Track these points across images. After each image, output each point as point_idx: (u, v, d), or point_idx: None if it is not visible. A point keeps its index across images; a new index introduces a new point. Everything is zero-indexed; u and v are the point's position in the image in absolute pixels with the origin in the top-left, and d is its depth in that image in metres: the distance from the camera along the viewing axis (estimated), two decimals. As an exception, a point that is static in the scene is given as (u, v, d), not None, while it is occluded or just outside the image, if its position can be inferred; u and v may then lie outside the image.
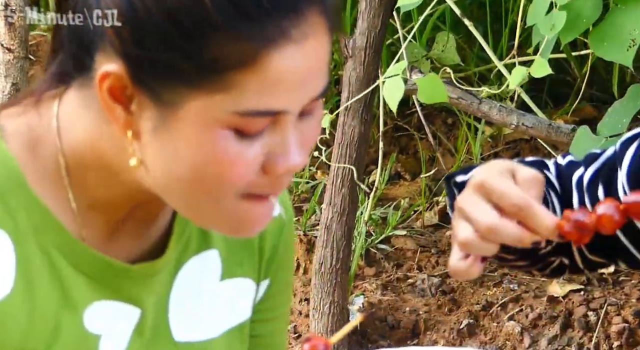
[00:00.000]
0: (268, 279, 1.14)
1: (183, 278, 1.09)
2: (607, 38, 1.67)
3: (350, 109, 2.22)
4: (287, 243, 1.16)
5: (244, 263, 1.12)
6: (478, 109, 2.12)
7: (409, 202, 2.76)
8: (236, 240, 1.11)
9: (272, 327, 1.15)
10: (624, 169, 1.16)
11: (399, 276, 2.55)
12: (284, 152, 0.96)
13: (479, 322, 2.39)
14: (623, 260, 1.19)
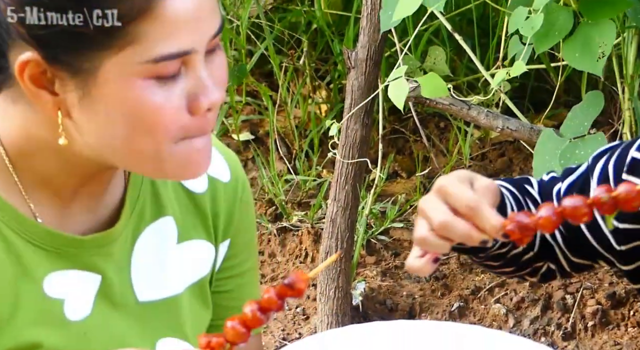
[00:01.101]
0: (228, 240, 1.14)
1: (142, 244, 1.08)
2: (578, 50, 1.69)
3: (352, 114, 2.24)
4: (243, 206, 1.15)
5: (198, 226, 1.12)
6: (467, 114, 2.13)
7: (405, 197, 2.78)
8: (189, 206, 1.11)
9: (240, 282, 1.16)
10: (595, 179, 1.17)
11: (396, 264, 2.55)
12: (203, 90, 0.96)
13: (468, 304, 2.39)
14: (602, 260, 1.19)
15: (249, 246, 1.18)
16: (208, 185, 1.14)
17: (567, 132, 1.81)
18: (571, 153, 1.76)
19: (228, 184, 1.14)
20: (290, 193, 2.83)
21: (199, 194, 1.13)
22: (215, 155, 1.15)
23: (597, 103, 1.81)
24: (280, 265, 2.61)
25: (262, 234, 2.68)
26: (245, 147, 3.00)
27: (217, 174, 1.15)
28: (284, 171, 2.90)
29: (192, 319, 1.13)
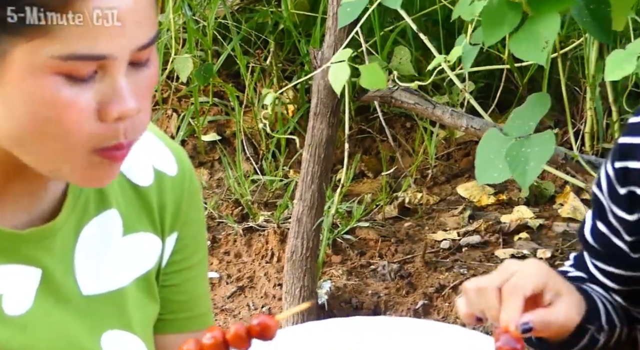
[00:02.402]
0: (175, 233, 1.12)
1: (85, 237, 1.07)
2: (525, 41, 1.72)
3: (318, 114, 2.25)
4: (191, 198, 1.13)
5: (143, 220, 1.10)
6: (432, 113, 2.15)
7: (371, 197, 2.80)
8: (134, 199, 1.10)
9: (189, 275, 1.14)
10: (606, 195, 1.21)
11: (362, 263, 2.57)
12: (117, 98, 0.94)
13: (432, 302, 2.42)
14: None
15: (197, 239, 1.16)
16: (154, 179, 1.13)
17: (512, 131, 1.83)
18: (517, 151, 1.78)
19: (175, 177, 1.13)
20: (256, 193, 2.84)
21: (145, 188, 1.12)
22: (161, 149, 1.14)
23: (542, 104, 1.84)
24: (246, 265, 2.62)
25: (228, 234, 2.68)
26: (211, 148, 3.01)
27: (163, 167, 1.14)
28: (250, 172, 2.91)
29: (138, 313, 1.12)
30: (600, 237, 1.23)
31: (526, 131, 1.84)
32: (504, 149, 1.83)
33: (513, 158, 1.81)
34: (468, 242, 2.60)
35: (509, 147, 1.82)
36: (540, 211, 2.71)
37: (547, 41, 1.73)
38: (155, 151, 1.13)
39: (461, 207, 2.76)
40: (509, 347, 1.04)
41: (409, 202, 2.80)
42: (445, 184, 2.88)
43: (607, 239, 1.22)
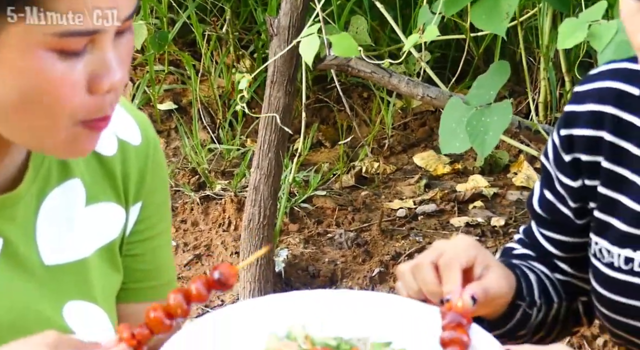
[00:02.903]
0: (140, 202, 1.13)
1: (48, 207, 1.07)
2: (485, 12, 1.74)
3: (275, 82, 2.25)
4: (155, 167, 1.13)
5: (107, 189, 1.11)
6: (389, 82, 2.16)
7: (328, 166, 2.81)
8: (97, 168, 1.10)
9: (153, 245, 1.15)
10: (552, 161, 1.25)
11: (319, 231, 2.59)
12: (106, 70, 0.95)
13: (388, 270, 2.44)
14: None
15: (161, 209, 1.17)
16: (118, 148, 1.12)
17: (473, 100, 1.86)
18: (477, 120, 1.81)
19: (139, 147, 1.13)
20: (213, 162, 2.84)
21: (108, 157, 1.12)
22: (125, 118, 1.14)
23: (502, 72, 1.86)
24: (203, 233, 2.63)
25: (185, 203, 2.68)
26: (168, 117, 2.99)
27: (127, 136, 1.13)
28: (207, 141, 2.90)
29: (101, 283, 1.12)
30: (547, 205, 1.26)
31: (487, 100, 1.87)
32: (465, 118, 1.85)
33: (473, 128, 1.83)
34: (424, 211, 2.63)
35: (469, 116, 1.85)
36: (494, 180, 2.75)
37: (508, 12, 1.75)
38: (119, 120, 1.13)
39: (417, 176, 2.79)
40: (456, 322, 1.06)
41: (366, 172, 2.81)
42: (402, 153, 2.91)
43: (554, 207, 1.26)
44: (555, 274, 1.28)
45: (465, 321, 1.09)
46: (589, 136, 1.21)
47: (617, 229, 1.20)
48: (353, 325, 1.12)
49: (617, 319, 1.20)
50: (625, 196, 1.19)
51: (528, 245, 1.29)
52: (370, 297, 1.15)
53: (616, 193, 1.20)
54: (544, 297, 1.24)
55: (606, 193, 1.21)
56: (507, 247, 1.31)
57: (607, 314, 1.21)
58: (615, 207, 1.20)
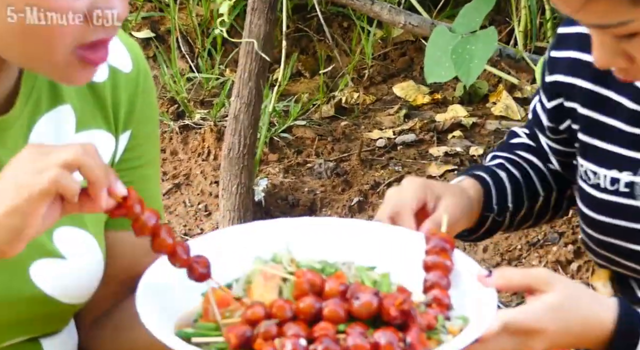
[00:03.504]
0: (129, 130, 1.14)
1: (39, 131, 1.08)
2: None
3: (256, 9, 2.21)
4: (145, 96, 1.14)
5: (97, 116, 1.11)
6: (370, 9, 2.14)
7: (308, 97, 2.80)
8: (88, 95, 1.11)
9: (142, 173, 1.16)
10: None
11: (299, 161, 2.58)
12: (108, 2, 0.96)
13: (367, 199, 2.45)
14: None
15: (150, 137, 1.17)
16: (109, 75, 1.12)
17: (459, 28, 1.85)
18: (463, 48, 1.80)
19: (130, 75, 1.13)
20: (192, 92, 2.81)
21: (99, 83, 1.12)
22: (117, 45, 1.14)
23: (488, 1, 1.85)
24: (183, 163, 2.62)
25: (164, 132, 2.66)
26: (146, 45, 2.95)
27: (118, 63, 1.13)
28: (186, 70, 2.87)
29: None
30: (535, 113, 1.32)
31: (473, 27, 1.86)
32: (450, 46, 1.84)
33: (458, 55, 1.83)
34: (403, 141, 2.63)
35: (455, 44, 1.84)
36: (474, 110, 2.74)
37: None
38: (112, 47, 1.12)
39: (397, 107, 2.78)
40: (440, 247, 1.07)
41: (346, 102, 2.80)
42: (382, 83, 2.89)
43: (539, 117, 1.31)
44: (549, 164, 1.32)
45: (449, 246, 1.09)
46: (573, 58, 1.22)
47: (602, 150, 1.21)
48: (338, 251, 1.12)
49: (602, 239, 1.22)
50: (609, 117, 1.20)
51: (530, 136, 1.34)
52: (354, 224, 1.16)
53: (599, 114, 1.21)
54: (528, 192, 1.29)
55: (588, 114, 1.22)
56: (513, 131, 1.37)
57: (593, 235, 1.23)
58: (599, 128, 1.21)
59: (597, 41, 1.06)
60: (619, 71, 1.08)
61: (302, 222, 1.15)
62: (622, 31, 1.03)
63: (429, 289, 1.06)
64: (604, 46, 1.05)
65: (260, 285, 1.07)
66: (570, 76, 1.23)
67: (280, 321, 1.00)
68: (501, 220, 1.28)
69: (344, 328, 1.00)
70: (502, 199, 1.27)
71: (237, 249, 1.12)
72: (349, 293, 1.02)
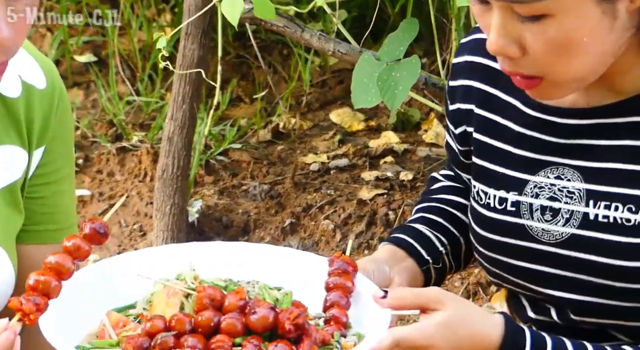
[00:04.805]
0: (43, 147, 1.13)
1: None
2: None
3: (190, 34, 2.22)
4: (60, 113, 1.14)
5: (10, 132, 1.11)
6: (301, 37, 2.15)
7: (247, 122, 2.80)
8: (1, 110, 1.10)
9: (55, 189, 1.16)
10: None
11: (234, 183, 2.58)
12: None
13: (300, 221, 2.45)
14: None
15: (65, 154, 1.17)
16: (22, 91, 1.12)
17: (384, 56, 1.87)
18: (388, 75, 1.82)
19: (44, 91, 1.13)
20: (132, 115, 2.80)
21: (12, 99, 1.11)
22: (29, 62, 1.13)
23: (411, 29, 1.88)
24: (119, 184, 2.60)
25: (101, 154, 2.65)
26: (87, 69, 2.94)
27: (32, 80, 1.13)
28: (126, 94, 2.86)
29: (2, 222, 1.11)
30: (448, 145, 1.36)
31: (397, 56, 1.88)
32: (376, 73, 1.86)
33: (384, 82, 1.84)
34: (336, 165, 2.64)
35: (380, 71, 1.86)
36: (406, 137, 2.77)
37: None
38: (24, 64, 1.12)
39: (332, 132, 2.79)
40: (342, 269, 1.08)
41: (283, 127, 2.81)
42: (319, 110, 2.90)
43: (451, 147, 1.35)
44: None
45: (351, 269, 1.11)
46: (465, 85, 1.25)
47: (491, 171, 1.23)
48: (244, 272, 1.13)
49: (494, 257, 1.24)
50: (496, 140, 1.23)
51: (450, 177, 1.37)
52: (263, 248, 1.17)
53: (489, 138, 1.23)
54: (459, 232, 1.32)
55: (480, 138, 1.25)
56: (433, 177, 1.40)
57: (485, 253, 1.25)
58: (489, 151, 1.23)
59: (499, 23, 1.05)
60: (506, 62, 1.10)
61: (212, 247, 1.16)
62: (532, 9, 1.03)
63: (329, 308, 1.07)
64: (503, 29, 1.06)
65: (162, 302, 1.07)
66: (464, 102, 1.26)
67: (179, 334, 1.00)
68: (441, 265, 1.29)
69: (240, 341, 1.00)
70: (431, 247, 1.28)
71: (144, 271, 1.11)
72: (248, 308, 1.02)
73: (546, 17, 1.04)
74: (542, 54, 1.06)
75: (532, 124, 1.20)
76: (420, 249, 1.27)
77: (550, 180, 1.18)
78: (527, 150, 1.21)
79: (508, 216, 1.21)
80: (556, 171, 1.18)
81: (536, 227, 1.19)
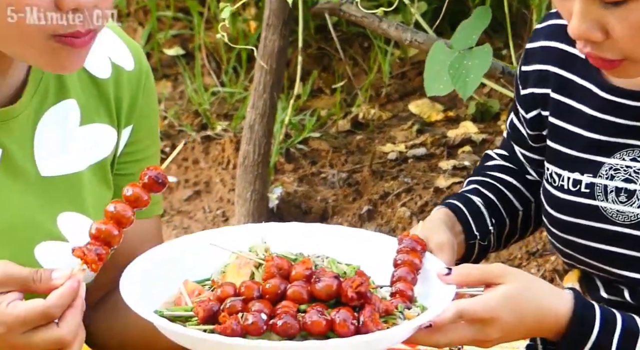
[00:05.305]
0: (131, 126, 1.17)
1: (45, 123, 1.11)
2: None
3: (270, 25, 2.26)
4: (147, 93, 1.18)
5: (100, 111, 1.15)
6: (379, 27, 2.16)
7: (327, 112, 2.83)
8: (92, 90, 1.14)
9: (142, 167, 1.16)
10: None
11: (313, 171, 2.61)
12: None
13: (376, 208, 2.47)
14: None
15: (151, 133, 1.21)
16: (112, 72, 1.17)
17: (457, 44, 1.86)
18: (459, 63, 1.82)
19: (132, 72, 1.17)
20: (218, 106, 2.87)
21: (103, 80, 1.16)
22: (119, 44, 1.18)
23: (484, 17, 1.87)
24: (203, 171, 2.66)
25: (187, 143, 2.72)
26: (176, 62, 3.02)
27: (121, 62, 1.17)
28: (212, 85, 2.92)
29: (93, 197, 1.16)
30: (514, 128, 1.35)
31: (469, 44, 1.87)
32: (448, 61, 1.85)
33: (455, 70, 1.84)
34: (414, 154, 2.65)
35: (452, 59, 1.85)
36: (485, 127, 2.75)
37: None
38: (114, 46, 1.16)
39: (410, 122, 2.80)
40: (410, 247, 1.10)
41: (363, 117, 2.83)
42: (399, 101, 2.91)
43: (518, 130, 1.35)
44: (527, 176, 1.35)
45: (420, 247, 1.13)
46: (540, 70, 1.25)
47: (565, 154, 1.23)
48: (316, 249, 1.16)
49: (566, 238, 1.24)
50: (571, 124, 1.23)
51: (505, 157, 1.38)
52: (335, 228, 1.20)
53: (563, 122, 1.23)
54: (506, 210, 1.32)
55: (555, 122, 1.25)
56: (487, 155, 1.41)
57: (558, 234, 1.25)
58: (563, 134, 1.23)
59: (581, 8, 1.06)
60: (589, 46, 1.09)
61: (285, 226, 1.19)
62: None
63: (395, 283, 1.09)
64: (585, 14, 1.06)
65: (234, 272, 1.11)
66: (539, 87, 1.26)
67: (247, 299, 1.03)
68: (486, 243, 1.30)
69: (305, 308, 1.03)
70: (482, 224, 1.30)
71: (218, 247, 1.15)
72: (314, 277, 1.05)
73: (629, 1, 1.04)
74: (625, 38, 1.06)
75: (607, 108, 1.20)
76: (472, 224, 1.28)
77: (625, 162, 1.18)
78: (602, 134, 1.21)
79: (582, 198, 1.21)
80: (632, 153, 1.18)
81: (610, 208, 1.19)
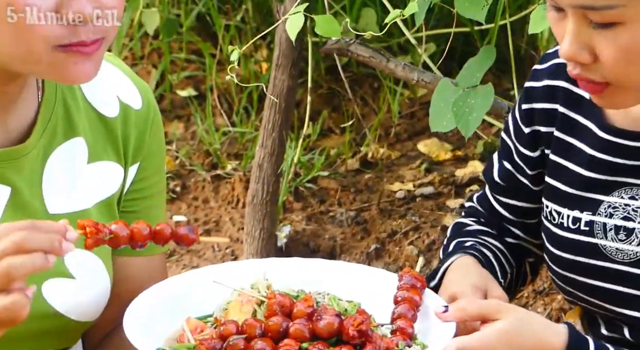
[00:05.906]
0: (137, 163, 1.18)
1: (53, 161, 1.12)
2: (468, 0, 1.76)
3: (280, 65, 2.27)
4: (154, 132, 1.19)
5: (108, 149, 1.16)
6: (386, 66, 2.17)
7: (336, 151, 2.83)
8: (100, 128, 1.15)
9: (148, 204, 1.20)
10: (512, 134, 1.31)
11: (321, 210, 2.61)
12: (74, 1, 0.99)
13: (384, 246, 2.46)
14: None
15: (158, 171, 1.22)
16: (120, 111, 1.18)
17: (461, 82, 1.87)
18: (463, 101, 1.82)
19: (139, 111, 1.18)
20: (229, 145, 2.88)
21: (111, 118, 1.17)
22: (127, 83, 1.19)
23: (489, 56, 1.88)
24: (213, 210, 2.66)
25: (197, 181, 2.73)
26: (188, 103, 3.04)
27: (129, 101, 1.19)
28: (222, 125, 2.94)
29: None
30: (506, 175, 1.33)
31: (473, 82, 1.88)
32: (453, 98, 1.86)
33: (459, 108, 1.84)
34: (422, 193, 2.64)
35: (456, 97, 1.86)
36: (492, 166, 2.75)
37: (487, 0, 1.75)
38: (122, 85, 1.18)
39: (419, 161, 2.80)
40: (411, 284, 1.10)
41: (371, 157, 2.83)
42: (407, 140, 2.92)
43: (512, 176, 1.32)
44: (507, 238, 1.33)
45: (420, 284, 1.12)
46: (546, 109, 1.24)
47: (565, 192, 1.22)
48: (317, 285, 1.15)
49: (567, 276, 1.23)
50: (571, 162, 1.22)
51: (481, 214, 1.35)
52: (336, 264, 1.19)
53: (564, 160, 1.23)
54: (502, 273, 1.31)
55: (555, 159, 1.24)
56: (459, 223, 1.37)
57: (559, 272, 1.24)
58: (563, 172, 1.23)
59: (572, 29, 1.06)
60: (578, 68, 1.09)
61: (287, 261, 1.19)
62: (604, 17, 1.04)
63: (396, 320, 1.09)
64: (576, 36, 1.06)
65: (236, 309, 1.10)
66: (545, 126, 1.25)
67: (250, 337, 1.02)
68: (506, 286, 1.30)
69: (307, 346, 1.02)
70: (502, 269, 1.30)
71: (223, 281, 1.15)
72: (316, 315, 1.04)
73: (618, 24, 1.04)
74: (611, 61, 1.06)
75: (606, 148, 1.20)
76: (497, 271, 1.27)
77: (624, 200, 1.18)
78: (601, 173, 1.21)
79: (582, 236, 1.21)
80: (630, 191, 1.18)
81: (610, 246, 1.18)
